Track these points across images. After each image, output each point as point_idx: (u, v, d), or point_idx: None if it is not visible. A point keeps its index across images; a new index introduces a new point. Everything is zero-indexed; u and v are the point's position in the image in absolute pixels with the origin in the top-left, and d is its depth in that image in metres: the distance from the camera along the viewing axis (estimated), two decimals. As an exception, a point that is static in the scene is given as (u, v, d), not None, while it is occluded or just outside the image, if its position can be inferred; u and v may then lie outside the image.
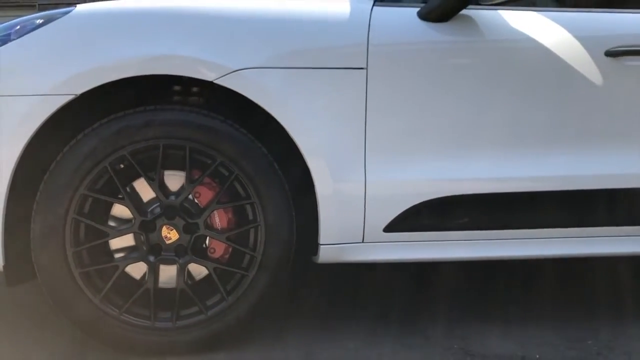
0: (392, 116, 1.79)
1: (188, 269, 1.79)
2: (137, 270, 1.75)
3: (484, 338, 1.89)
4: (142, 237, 1.71)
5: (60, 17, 1.68)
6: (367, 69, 1.75)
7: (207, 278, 1.77)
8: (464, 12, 1.82)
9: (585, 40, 1.87)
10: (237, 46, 1.69)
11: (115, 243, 1.75)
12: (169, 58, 1.64)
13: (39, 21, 1.69)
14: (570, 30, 1.88)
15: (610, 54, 1.86)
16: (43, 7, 8.84)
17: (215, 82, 1.65)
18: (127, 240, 1.74)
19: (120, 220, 1.75)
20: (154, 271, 1.70)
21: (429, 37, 1.80)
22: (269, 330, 1.90)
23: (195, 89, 1.87)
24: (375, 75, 1.75)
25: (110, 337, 1.69)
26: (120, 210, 1.73)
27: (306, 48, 1.74)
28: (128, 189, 1.73)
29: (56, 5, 8.84)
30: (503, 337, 1.90)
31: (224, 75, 1.65)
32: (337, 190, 1.76)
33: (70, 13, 1.69)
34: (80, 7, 1.71)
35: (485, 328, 1.97)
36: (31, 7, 8.88)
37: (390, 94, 1.78)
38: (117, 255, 1.75)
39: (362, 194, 1.77)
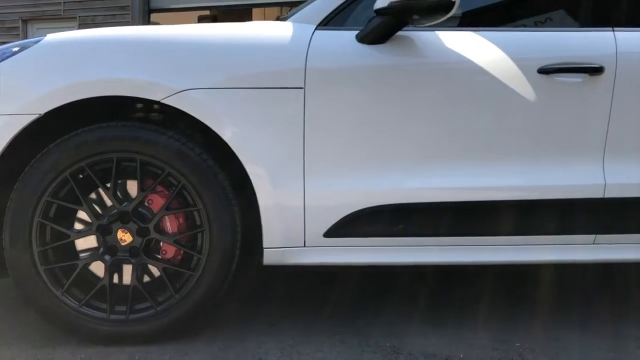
0: (329, 131, 1.93)
1: (149, 268, 2.01)
2: (100, 268, 1.97)
3: (418, 338, 2.03)
4: (100, 239, 1.93)
5: (32, 45, 1.91)
6: (304, 88, 1.91)
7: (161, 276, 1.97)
8: (401, 33, 1.96)
9: (520, 58, 1.97)
10: (182, 69, 1.87)
11: (81, 244, 1.98)
12: (120, 81, 1.84)
13: (15, 49, 1.93)
14: (505, 49, 1.99)
15: (543, 71, 1.96)
16: (83, 20, 9.36)
17: (162, 101, 1.85)
18: (91, 241, 1.97)
19: (86, 223, 1.97)
20: (109, 269, 1.92)
21: (364, 58, 1.93)
22: (213, 324, 2.09)
23: (156, 107, 2.08)
24: (312, 94, 1.91)
25: (70, 326, 1.92)
26: (85, 214, 1.96)
27: (248, 70, 1.90)
28: (94, 195, 1.97)
29: (94, 18, 9.33)
30: (437, 338, 2.03)
31: (170, 96, 1.85)
32: (278, 199, 1.92)
33: (40, 42, 1.92)
34: (49, 37, 1.94)
35: (422, 329, 2.10)
36: (72, 19, 9.41)
37: (326, 111, 1.93)
38: (82, 255, 1.98)
39: (302, 202, 1.93)
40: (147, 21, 9.41)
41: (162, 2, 9.60)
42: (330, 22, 2.00)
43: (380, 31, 1.93)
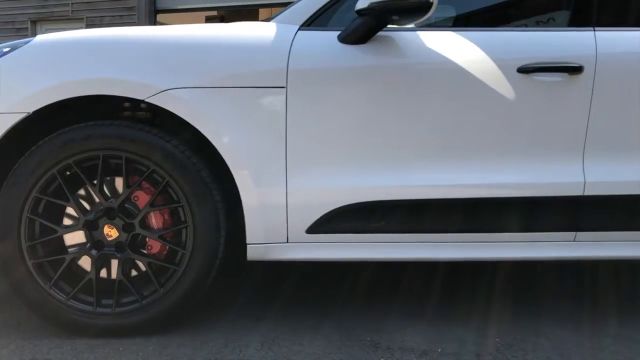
0: (311, 130, 1.97)
1: (137, 262, 2.07)
2: (89, 262, 2.02)
3: (398, 333, 2.06)
4: (87, 234, 1.98)
5: (22, 46, 1.97)
6: (286, 87, 1.95)
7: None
8: (383, 34, 2.00)
9: (499, 57, 2.00)
10: (166, 68, 1.92)
11: (69, 239, 2.04)
12: (105, 80, 1.90)
13: (6, 49, 1.99)
14: (484, 49, 2.01)
15: (522, 70, 1.98)
16: (90, 20, 9.47)
17: (146, 100, 1.90)
18: (79, 236, 2.02)
19: (74, 218, 2.03)
20: (96, 264, 1.98)
21: (345, 58, 1.97)
22: (199, 319, 2.14)
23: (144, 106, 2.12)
24: (294, 94, 1.95)
25: (57, 319, 1.97)
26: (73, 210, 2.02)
27: (231, 70, 1.94)
28: (82, 192, 2.03)
29: (101, 19, 9.43)
30: (417, 333, 2.06)
31: (154, 95, 1.90)
32: (260, 196, 1.96)
33: (30, 42, 1.98)
34: (39, 37, 2.00)
35: (404, 324, 2.13)
36: (80, 20, 9.53)
37: (308, 110, 1.96)
38: (70, 250, 2.03)
39: (284, 199, 1.97)
40: (153, 22, 9.51)
41: (169, 3, 9.69)
42: (313, 22, 2.04)
43: (362, 31, 1.97)
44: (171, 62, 1.93)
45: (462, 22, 2.26)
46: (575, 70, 1.99)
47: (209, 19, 10.91)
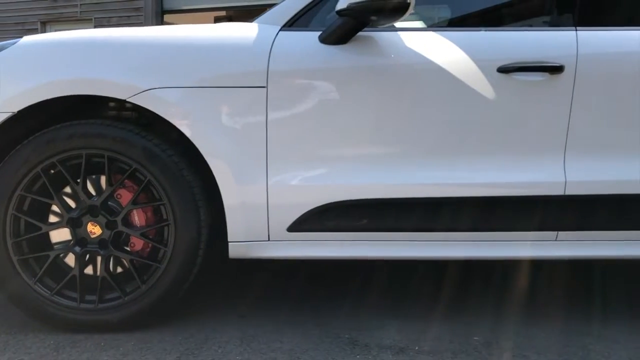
0: (291, 130, 1.99)
1: (122, 259, 2.11)
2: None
3: (379, 331, 2.08)
4: (71, 231, 2.02)
5: (9, 46, 2.02)
6: (267, 87, 1.97)
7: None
8: (363, 34, 2.01)
9: (480, 57, 2.01)
10: (149, 69, 1.95)
11: (55, 236, 2.08)
12: (88, 80, 1.94)
13: (-7, 50, 2.04)
14: (464, 49, 2.02)
15: (502, 70, 1.99)
16: (99, 21, 9.58)
17: (128, 100, 1.93)
18: (65, 233, 2.06)
19: (60, 215, 2.07)
20: (80, 260, 2.02)
21: (325, 58, 1.99)
22: (184, 316, 2.17)
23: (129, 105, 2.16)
24: (274, 94, 1.97)
25: (42, 314, 2.01)
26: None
27: (213, 70, 1.97)
28: (68, 189, 2.07)
29: (109, 20, 9.52)
30: (396, 331, 2.08)
31: (136, 94, 1.93)
32: (241, 194, 1.99)
33: (17, 43, 2.02)
34: (25, 38, 2.04)
35: (386, 322, 2.15)
36: (88, 21, 9.65)
37: (289, 110, 1.99)
38: (55, 247, 2.08)
39: (265, 198, 2.00)
40: (160, 22, 9.59)
41: (175, 4, 9.77)
42: (295, 23, 2.06)
43: (342, 32, 1.98)
44: (153, 63, 1.96)
45: (444, 22, 2.27)
46: (555, 69, 1.99)
47: (217, 19, 10.97)
